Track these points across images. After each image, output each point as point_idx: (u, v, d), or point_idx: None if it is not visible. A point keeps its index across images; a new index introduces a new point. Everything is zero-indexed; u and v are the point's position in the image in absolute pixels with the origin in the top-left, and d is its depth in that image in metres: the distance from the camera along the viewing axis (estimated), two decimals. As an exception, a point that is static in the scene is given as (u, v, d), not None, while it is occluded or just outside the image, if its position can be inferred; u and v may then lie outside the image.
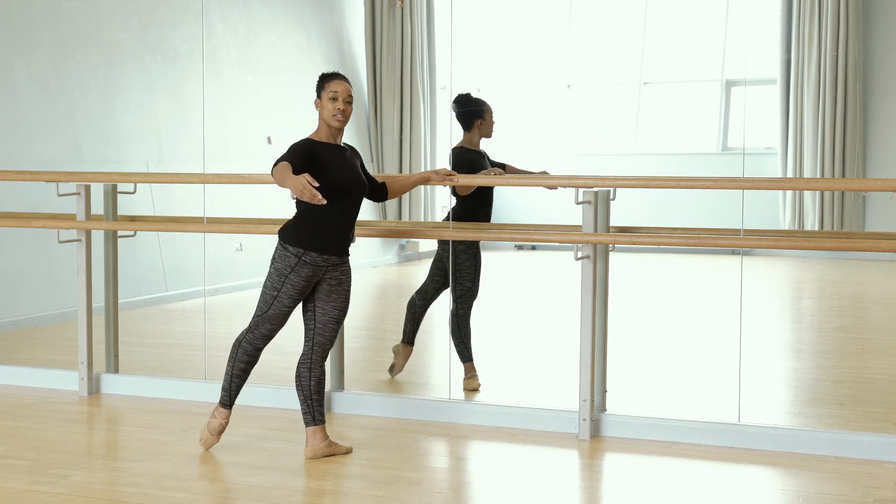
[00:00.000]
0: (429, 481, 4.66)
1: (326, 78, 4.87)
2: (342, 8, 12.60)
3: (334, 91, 4.80)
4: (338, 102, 4.79)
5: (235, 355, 4.92)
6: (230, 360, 4.94)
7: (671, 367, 7.05)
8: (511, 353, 6.45)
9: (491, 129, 6.21)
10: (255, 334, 4.89)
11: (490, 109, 6.21)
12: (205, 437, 5.00)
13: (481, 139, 6.20)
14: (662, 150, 13.92)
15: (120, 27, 9.62)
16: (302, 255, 4.72)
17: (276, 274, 4.77)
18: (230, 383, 4.94)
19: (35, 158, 8.50)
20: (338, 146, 4.85)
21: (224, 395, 4.97)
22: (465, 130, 6.18)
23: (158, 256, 9.54)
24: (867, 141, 12.64)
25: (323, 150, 4.76)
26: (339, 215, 4.77)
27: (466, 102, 6.19)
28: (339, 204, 4.74)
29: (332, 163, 4.75)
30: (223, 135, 10.33)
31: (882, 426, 5.44)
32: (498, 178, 5.77)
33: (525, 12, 14.06)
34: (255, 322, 4.87)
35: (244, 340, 4.91)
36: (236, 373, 4.93)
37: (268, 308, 4.82)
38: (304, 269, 4.73)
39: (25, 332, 8.14)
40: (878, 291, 10.95)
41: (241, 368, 4.92)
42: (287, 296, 4.77)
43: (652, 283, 11.14)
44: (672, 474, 4.76)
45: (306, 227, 4.74)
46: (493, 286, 8.91)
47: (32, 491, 4.44)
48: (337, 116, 4.78)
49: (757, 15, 13.25)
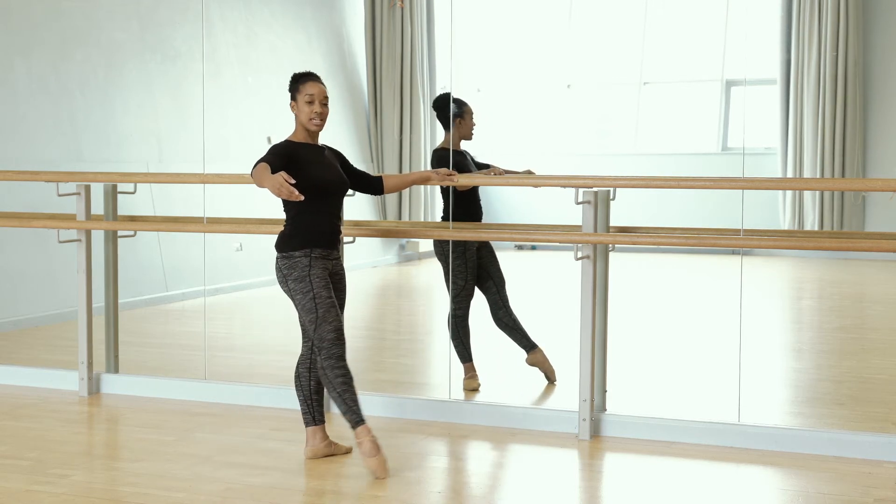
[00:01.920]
0: (429, 481, 4.66)
1: (300, 79, 4.82)
2: (342, 8, 12.59)
3: (310, 94, 4.76)
4: (314, 106, 4.76)
5: (329, 380, 4.63)
6: (330, 388, 4.64)
7: (671, 367, 7.05)
8: (511, 353, 6.44)
9: (470, 129, 6.17)
10: (325, 348, 4.64)
11: (470, 110, 6.17)
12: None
13: (461, 140, 6.17)
14: (662, 150, 13.92)
15: (120, 27, 9.62)
16: (309, 252, 4.71)
17: (299, 280, 4.67)
18: (346, 402, 4.63)
19: (35, 158, 8.50)
20: (316, 146, 4.84)
21: (351, 416, 4.64)
22: (445, 130, 6.18)
23: (158, 256, 9.54)
24: (867, 141, 12.63)
25: (301, 150, 4.74)
26: (325, 212, 4.77)
27: (446, 102, 6.17)
28: (323, 202, 4.76)
29: (310, 162, 4.73)
30: (223, 135, 10.33)
31: (882, 426, 5.44)
32: (498, 178, 5.77)
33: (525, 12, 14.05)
34: (318, 336, 4.64)
35: (323, 361, 4.63)
36: (342, 390, 4.62)
37: (316, 311, 4.64)
38: (318, 262, 4.71)
39: (25, 332, 8.14)
40: (878, 291, 10.95)
41: (342, 383, 4.63)
42: (321, 287, 4.67)
43: (652, 283, 11.13)
44: (672, 474, 4.76)
45: (302, 231, 4.72)
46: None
47: (32, 491, 4.44)
48: (314, 120, 4.76)
49: (757, 15, 13.24)
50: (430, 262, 12.63)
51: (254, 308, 9.61)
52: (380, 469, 4.60)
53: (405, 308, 10.41)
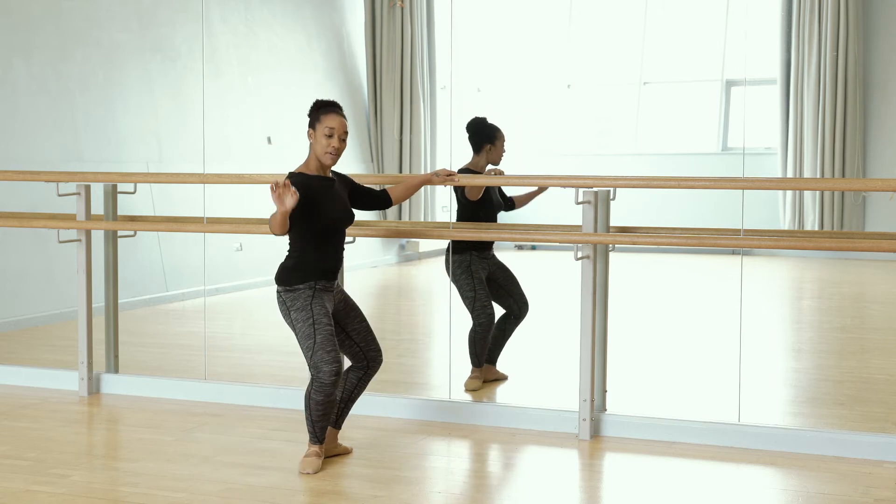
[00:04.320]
0: (429, 481, 4.66)
1: (322, 109, 4.68)
2: (342, 8, 12.59)
3: (330, 127, 4.63)
4: (333, 140, 4.64)
5: (312, 402, 4.63)
6: (308, 409, 4.67)
7: (671, 367, 7.05)
8: (511, 353, 6.45)
9: (500, 156, 6.17)
10: (320, 379, 4.60)
11: (503, 137, 6.16)
12: (312, 467, 4.72)
13: (488, 164, 6.18)
14: (662, 150, 13.92)
15: (120, 27, 9.62)
16: (313, 285, 4.66)
17: (301, 310, 4.63)
18: (314, 427, 4.68)
19: (35, 158, 8.50)
20: (327, 178, 4.74)
21: (311, 437, 4.71)
22: (474, 153, 6.17)
23: (158, 256, 9.54)
24: (867, 141, 12.63)
25: (314, 183, 4.65)
26: (331, 247, 4.74)
27: (479, 128, 6.15)
28: (331, 237, 4.73)
29: (323, 197, 4.65)
30: (223, 135, 10.33)
31: (882, 426, 5.44)
32: (498, 178, 5.77)
33: (525, 12, 14.06)
34: (314, 364, 4.61)
35: (313, 391, 4.62)
36: (316, 418, 4.67)
37: (314, 336, 4.61)
38: (321, 294, 4.67)
39: (25, 332, 8.14)
40: (878, 291, 10.95)
41: (321, 414, 4.66)
42: (321, 314, 4.63)
43: (652, 283, 11.13)
44: (672, 474, 4.76)
45: (306, 266, 4.66)
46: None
47: (32, 491, 4.44)
48: (330, 154, 4.65)
49: (757, 15, 13.24)
50: (430, 262, 12.64)
51: (254, 308, 9.61)
52: (302, 464, 4.68)
53: (405, 308, 10.41)
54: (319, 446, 4.74)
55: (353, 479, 4.65)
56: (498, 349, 6.31)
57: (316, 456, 4.72)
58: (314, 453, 4.73)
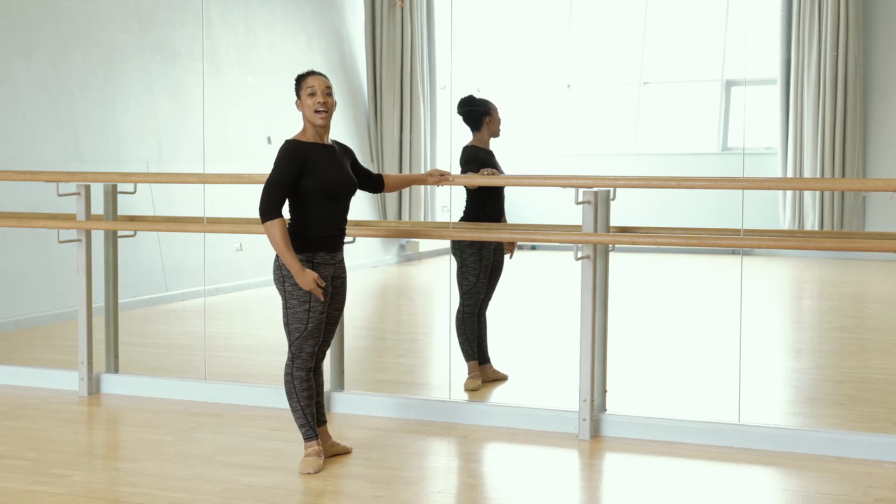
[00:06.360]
0: (429, 481, 4.66)
1: (301, 77, 4.74)
2: (342, 8, 12.59)
3: (311, 86, 4.66)
4: (317, 96, 4.64)
5: (294, 389, 4.69)
6: (292, 397, 4.70)
7: (671, 367, 7.05)
8: (511, 353, 6.45)
9: (498, 126, 6.25)
10: (302, 358, 4.68)
11: (496, 107, 6.26)
12: (313, 467, 4.70)
13: (490, 138, 6.21)
14: (662, 150, 13.93)
15: (120, 27, 9.62)
16: (312, 258, 4.64)
17: (299, 287, 4.60)
18: (305, 416, 4.71)
19: (35, 158, 8.50)
20: (326, 145, 4.71)
21: (306, 430, 4.73)
22: (474, 130, 6.20)
23: (158, 256, 9.54)
24: (867, 141, 12.63)
25: (310, 151, 4.63)
26: (334, 214, 4.70)
27: (472, 102, 6.21)
28: (333, 203, 4.68)
29: (321, 164, 4.62)
30: (223, 135, 10.33)
31: (882, 426, 5.44)
32: (495, 178, 5.77)
33: (525, 12, 14.07)
34: (298, 346, 4.66)
35: (294, 369, 4.68)
36: (304, 404, 4.70)
37: (306, 323, 4.62)
38: (320, 269, 4.65)
39: (25, 332, 8.14)
40: (878, 291, 10.95)
41: (307, 397, 4.71)
42: (318, 301, 4.63)
43: (652, 283, 11.14)
44: (672, 474, 4.76)
45: (306, 233, 4.64)
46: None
47: (32, 491, 4.44)
48: (319, 112, 4.63)
49: (757, 15, 13.25)
50: (430, 262, 12.65)
51: (254, 308, 9.61)
52: (303, 464, 4.68)
53: (405, 308, 10.41)
54: (317, 443, 4.74)
55: (353, 479, 4.65)
56: (483, 345, 6.32)
57: (316, 455, 4.73)
58: (314, 452, 4.73)
